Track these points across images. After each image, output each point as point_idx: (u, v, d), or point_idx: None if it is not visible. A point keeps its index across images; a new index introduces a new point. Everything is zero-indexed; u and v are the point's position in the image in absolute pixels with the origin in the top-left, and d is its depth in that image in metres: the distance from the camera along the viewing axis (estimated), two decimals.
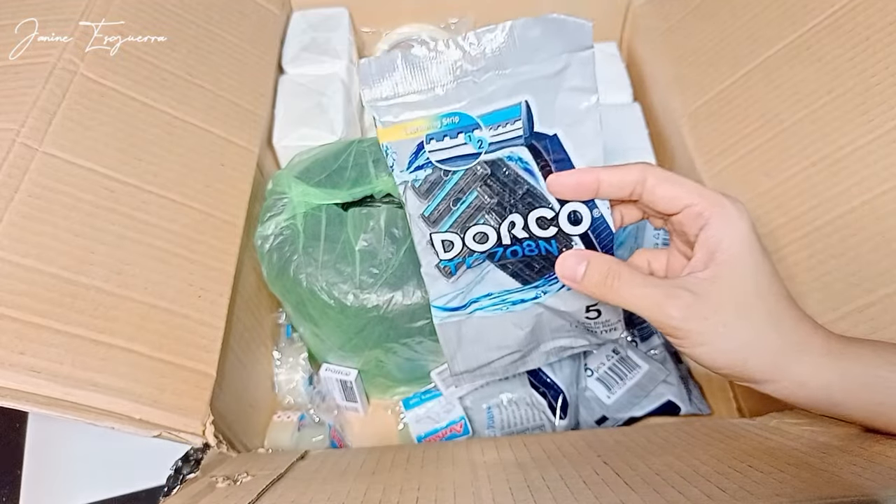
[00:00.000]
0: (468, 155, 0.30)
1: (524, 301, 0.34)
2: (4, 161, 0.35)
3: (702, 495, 0.24)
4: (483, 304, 0.34)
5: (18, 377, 0.31)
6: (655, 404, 0.48)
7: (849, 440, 0.30)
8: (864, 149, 0.38)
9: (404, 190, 0.32)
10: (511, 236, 0.32)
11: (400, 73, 0.30)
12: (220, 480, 0.32)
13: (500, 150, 0.30)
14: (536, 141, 0.30)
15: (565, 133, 0.30)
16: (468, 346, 0.36)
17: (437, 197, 0.31)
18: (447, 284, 0.34)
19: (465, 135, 0.30)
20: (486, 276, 0.33)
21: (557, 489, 0.27)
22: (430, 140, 0.30)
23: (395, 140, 0.31)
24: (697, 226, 0.28)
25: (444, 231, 0.32)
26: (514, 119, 0.30)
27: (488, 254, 0.32)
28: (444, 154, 0.31)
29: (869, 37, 0.39)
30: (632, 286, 0.28)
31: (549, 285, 0.33)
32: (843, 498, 0.23)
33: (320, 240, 0.43)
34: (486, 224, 0.32)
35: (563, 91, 0.29)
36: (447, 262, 0.33)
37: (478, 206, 0.31)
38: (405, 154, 0.31)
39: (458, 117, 0.30)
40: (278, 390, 0.50)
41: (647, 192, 0.29)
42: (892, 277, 0.36)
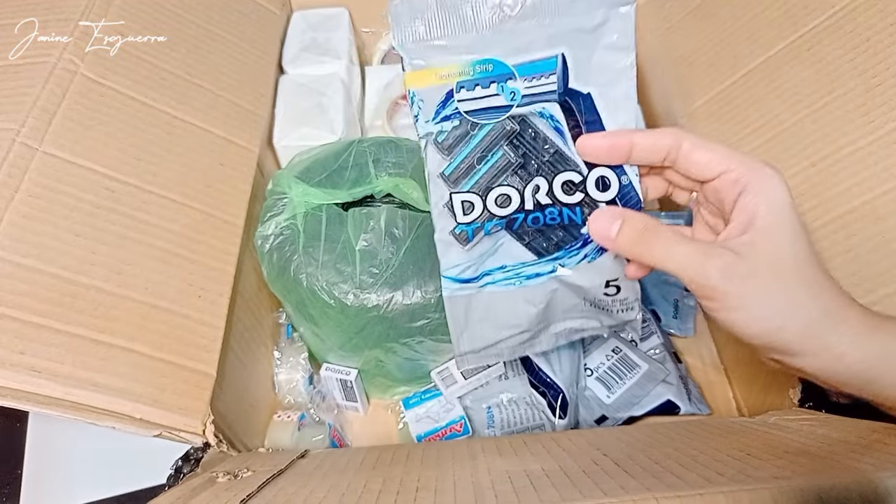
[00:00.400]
0: (499, 107, 0.29)
1: (539, 275, 0.33)
2: (4, 161, 0.35)
3: (700, 479, 0.24)
4: (496, 277, 0.33)
5: (19, 377, 0.31)
6: (655, 404, 0.48)
7: (847, 432, 0.30)
8: (865, 149, 0.38)
9: (426, 145, 0.30)
10: (535, 201, 0.30)
11: (433, 14, 0.28)
12: (220, 475, 0.32)
13: (531, 104, 0.29)
14: (570, 98, 0.29)
15: (599, 93, 0.29)
16: (476, 323, 0.34)
17: (461, 154, 0.30)
18: (461, 252, 0.32)
19: (497, 84, 0.29)
20: (501, 248, 0.32)
21: (557, 478, 0.27)
22: (461, 88, 0.29)
23: (424, 86, 0.29)
24: (735, 192, 0.27)
25: (465, 191, 0.30)
26: (550, 72, 0.28)
27: (508, 220, 0.31)
28: (474, 105, 0.29)
29: (869, 38, 0.39)
30: (670, 243, 0.27)
31: (568, 257, 0.32)
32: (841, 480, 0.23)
33: (320, 240, 0.43)
34: (510, 186, 0.30)
35: (600, 48, 0.28)
36: (464, 227, 0.31)
37: (503, 165, 0.30)
38: (432, 102, 0.29)
39: (493, 65, 0.28)
40: (278, 390, 0.50)
41: (682, 157, 0.28)
42: (892, 277, 0.36)
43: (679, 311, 0.54)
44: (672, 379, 0.48)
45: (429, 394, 0.49)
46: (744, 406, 0.49)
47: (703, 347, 0.54)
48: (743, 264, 0.26)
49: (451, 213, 0.31)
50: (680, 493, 0.23)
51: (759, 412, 0.41)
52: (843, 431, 0.30)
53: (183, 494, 0.30)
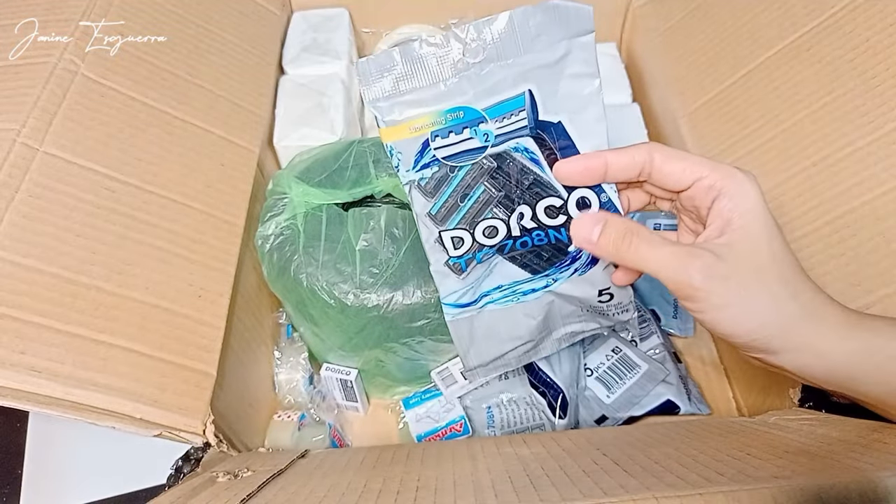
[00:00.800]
0: (475, 149, 0.30)
1: (535, 290, 0.34)
2: (5, 161, 0.35)
3: (700, 479, 0.24)
4: (494, 297, 0.34)
5: (19, 377, 0.31)
6: (655, 404, 0.48)
7: (847, 431, 0.30)
8: (864, 150, 0.38)
9: (410, 189, 0.32)
10: (520, 227, 0.32)
11: (400, 70, 0.29)
12: (220, 475, 0.32)
13: (505, 141, 0.30)
14: (541, 130, 0.30)
15: (569, 119, 0.30)
16: (481, 341, 0.36)
17: (444, 194, 0.31)
18: (457, 281, 0.33)
19: (470, 129, 0.30)
20: (496, 269, 0.33)
21: (556, 477, 0.27)
22: (436, 137, 0.30)
23: (400, 139, 0.30)
24: (710, 198, 0.28)
25: (452, 228, 0.32)
26: (519, 109, 0.29)
27: (498, 247, 0.32)
28: (450, 150, 0.30)
29: (869, 38, 0.39)
30: (651, 245, 0.28)
31: (559, 272, 0.33)
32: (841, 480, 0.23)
33: (321, 240, 0.43)
34: (495, 217, 0.31)
35: (565, 78, 0.29)
36: (457, 259, 0.33)
37: (486, 200, 0.31)
38: (410, 153, 0.30)
39: (463, 111, 0.29)
40: (278, 390, 0.50)
41: (655, 170, 0.29)
42: (892, 277, 0.36)
43: (679, 311, 0.54)
44: (672, 379, 0.48)
45: (429, 394, 0.49)
46: (744, 406, 0.49)
47: (703, 347, 0.54)
48: (722, 265, 0.27)
49: (443, 248, 0.32)
50: (680, 493, 0.23)
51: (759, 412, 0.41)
52: (842, 431, 0.30)
53: (183, 494, 0.30)
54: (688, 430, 0.34)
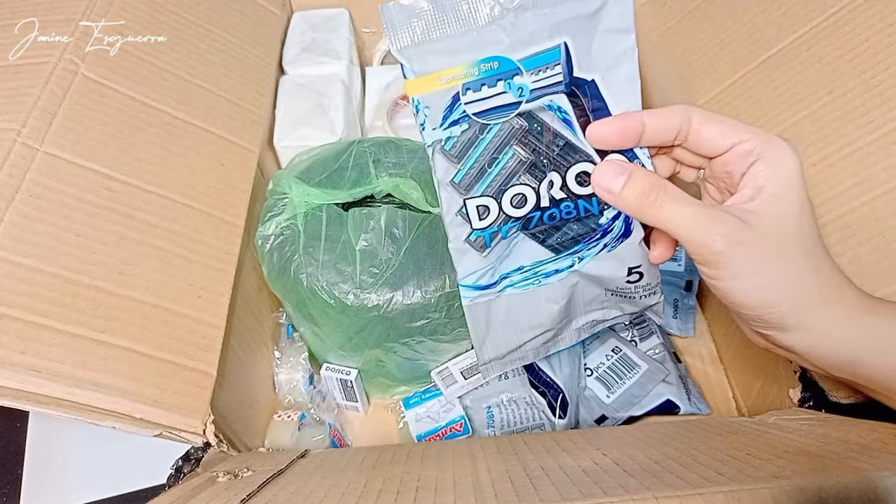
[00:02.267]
0: (508, 105, 0.28)
1: (558, 272, 0.32)
2: (5, 161, 0.35)
3: (700, 479, 0.24)
4: (514, 279, 0.32)
5: (19, 377, 0.31)
6: (655, 404, 0.48)
7: (847, 431, 0.30)
8: (864, 150, 0.38)
9: (432, 153, 0.29)
10: (550, 197, 0.30)
11: (429, 15, 0.27)
12: (220, 475, 0.32)
13: (539, 98, 0.28)
14: (576, 87, 0.28)
15: (602, 78, 0.28)
16: (498, 329, 0.34)
17: (471, 158, 0.29)
18: (478, 259, 0.31)
19: (504, 82, 0.28)
20: (516, 249, 0.31)
21: (556, 477, 0.27)
22: (468, 90, 0.28)
23: (428, 92, 0.28)
24: (747, 163, 0.27)
25: (478, 195, 0.30)
26: (555, 63, 0.28)
27: (525, 220, 0.30)
28: (482, 105, 0.28)
29: (869, 38, 0.39)
30: (678, 202, 0.26)
31: (587, 249, 0.31)
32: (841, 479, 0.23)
33: (321, 240, 0.43)
34: (525, 185, 0.29)
35: (599, 32, 0.28)
36: (481, 232, 0.30)
37: (515, 165, 0.29)
38: (439, 108, 0.28)
39: (498, 62, 0.27)
40: (279, 390, 0.50)
41: (693, 133, 0.27)
42: (892, 277, 0.36)
43: (679, 311, 0.54)
44: (672, 379, 0.48)
45: (429, 394, 0.49)
46: (743, 406, 0.49)
47: (702, 347, 0.54)
48: (748, 231, 0.26)
49: (466, 220, 0.30)
50: (680, 493, 0.23)
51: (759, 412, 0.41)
52: (842, 431, 0.30)
53: (183, 494, 0.30)
54: (688, 430, 0.34)
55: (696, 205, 0.26)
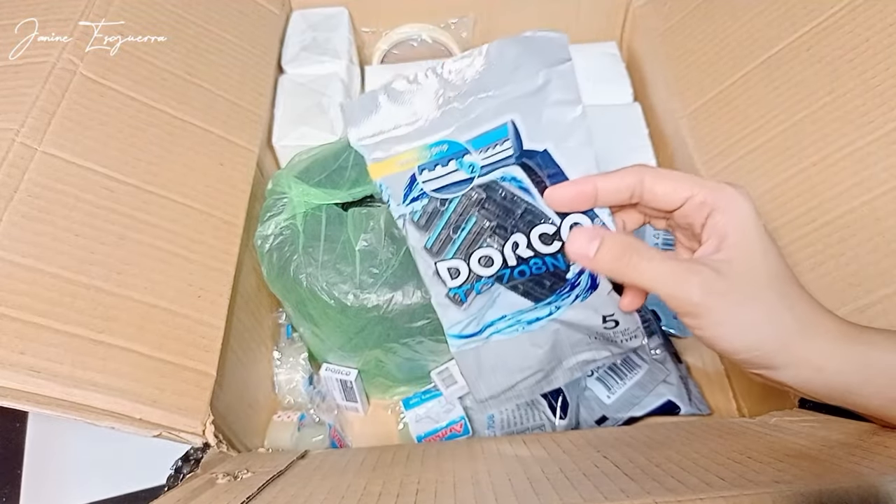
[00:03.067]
0: (462, 181, 0.30)
1: (539, 319, 0.34)
2: (4, 161, 0.35)
3: (701, 483, 0.24)
4: (498, 326, 0.34)
5: (19, 377, 0.31)
6: (655, 404, 0.48)
7: (848, 434, 0.30)
8: (864, 150, 0.38)
9: (403, 223, 0.32)
10: (516, 257, 0.32)
11: (384, 110, 0.30)
12: (220, 476, 0.32)
13: (492, 171, 0.30)
14: (528, 158, 0.30)
15: (555, 146, 0.30)
16: (489, 372, 0.36)
17: (437, 227, 0.32)
18: (459, 312, 0.33)
19: (456, 161, 0.30)
20: (498, 299, 0.33)
21: (557, 481, 0.27)
22: (423, 171, 0.30)
23: (388, 175, 0.31)
24: (703, 215, 0.28)
25: (448, 259, 0.32)
26: (503, 139, 0.30)
27: (496, 277, 0.32)
28: (437, 183, 0.31)
29: (869, 38, 0.39)
30: (650, 261, 0.27)
31: (561, 300, 0.33)
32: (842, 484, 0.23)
33: (320, 240, 0.43)
34: (490, 247, 0.32)
35: (547, 106, 0.29)
36: (456, 290, 0.33)
37: (479, 230, 0.31)
38: (399, 187, 0.31)
39: (447, 145, 0.30)
40: (278, 390, 0.50)
41: (646, 191, 0.29)
42: (891, 277, 0.36)
43: None
44: (672, 379, 0.48)
45: (429, 394, 0.49)
46: (744, 406, 0.49)
47: (703, 347, 0.53)
48: (721, 280, 0.27)
49: (441, 280, 0.33)
50: (680, 498, 0.23)
51: (760, 412, 0.41)
52: (843, 434, 0.30)
53: (183, 496, 0.29)
54: (688, 432, 0.34)
55: (669, 260, 0.28)
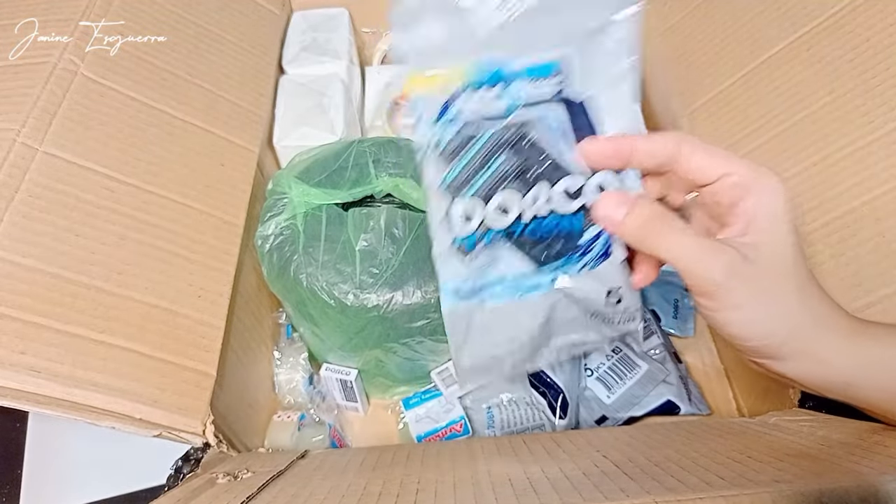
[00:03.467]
0: (501, 112, 0.28)
1: (540, 287, 0.32)
2: (5, 161, 0.35)
3: (700, 482, 0.24)
4: (495, 290, 0.32)
5: (19, 377, 0.31)
6: (655, 404, 0.48)
7: (847, 433, 0.30)
8: (864, 150, 0.38)
9: (423, 158, 0.29)
10: (534, 210, 0.30)
11: (434, 18, 0.27)
12: (220, 476, 0.32)
13: (535, 107, 0.28)
14: (571, 102, 0.28)
15: (601, 95, 0.28)
16: (477, 338, 0.34)
17: (461, 161, 0.29)
18: (461, 265, 0.31)
19: (501, 88, 0.28)
20: (500, 259, 0.31)
21: (557, 480, 0.27)
22: (463, 93, 0.28)
23: (426, 91, 0.28)
24: (736, 195, 0.27)
25: (465, 198, 0.29)
26: (553, 75, 0.27)
27: (507, 232, 0.30)
28: (476, 110, 0.28)
29: (869, 38, 0.39)
30: (679, 233, 0.27)
31: (569, 265, 0.31)
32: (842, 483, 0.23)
33: (320, 240, 0.43)
34: (511, 193, 0.29)
35: (602, 50, 0.28)
36: (464, 239, 0.30)
37: (504, 172, 0.29)
38: (434, 108, 0.28)
39: (496, 67, 0.27)
40: (278, 390, 0.50)
41: (683, 161, 0.28)
42: (892, 278, 0.36)
43: (679, 311, 0.54)
44: (672, 379, 0.48)
45: (429, 394, 0.49)
46: (744, 406, 0.49)
47: (703, 347, 0.54)
48: (746, 264, 0.26)
49: (451, 225, 0.30)
50: (680, 497, 0.23)
51: (760, 412, 0.41)
52: (843, 433, 0.30)
53: (182, 496, 0.29)
54: (688, 432, 0.34)
55: (697, 236, 0.27)
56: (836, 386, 0.27)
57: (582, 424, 0.48)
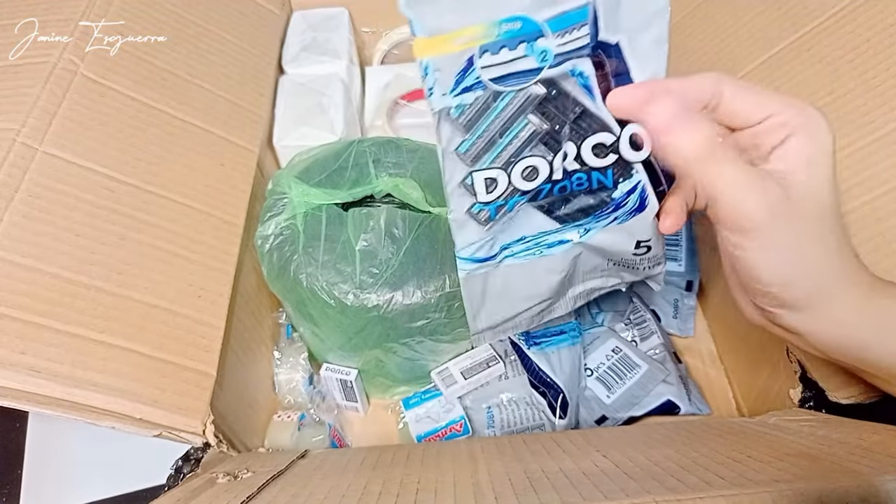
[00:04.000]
0: (527, 71, 0.25)
1: (562, 243, 0.30)
2: (5, 161, 0.35)
3: (700, 482, 0.24)
4: (514, 249, 0.30)
5: (19, 377, 0.31)
6: (655, 404, 0.48)
7: (848, 433, 0.30)
8: (865, 150, 0.38)
9: (438, 120, 0.27)
10: (563, 169, 0.28)
11: None
12: (220, 476, 0.32)
13: (563, 62, 0.25)
14: (600, 50, 0.26)
15: (629, 41, 0.26)
16: (493, 300, 0.32)
17: (480, 128, 0.27)
18: (478, 231, 0.29)
19: (527, 45, 0.25)
20: (520, 219, 0.29)
21: (557, 480, 0.27)
22: (484, 53, 0.25)
23: (440, 55, 0.25)
24: (780, 136, 0.25)
25: (486, 167, 0.27)
26: (582, 23, 0.25)
27: (533, 192, 0.28)
28: (499, 70, 0.25)
29: (869, 38, 0.39)
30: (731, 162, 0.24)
31: (596, 222, 0.29)
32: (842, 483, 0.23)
33: (320, 240, 0.43)
34: (538, 156, 0.27)
35: None
36: (486, 206, 0.28)
37: (528, 136, 0.27)
38: (451, 71, 0.25)
39: (521, 22, 0.25)
40: (278, 390, 0.50)
41: (724, 104, 0.26)
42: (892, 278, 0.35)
43: (679, 311, 0.54)
44: (672, 379, 0.48)
45: (429, 394, 0.49)
46: (744, 406, 0.49)
47: (703, 347, 0.54)
48: (788, 205, 0.25)
49: (471, 192, 0.28)
50: (680, 497, 0.23)
51: (760, 412, 0.41)
52: (843, 433, 0.30)
53: (183, 496, 0.29)
54: (688, 431, 0.34)
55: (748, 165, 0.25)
56: (849, 346, 0.26)
57: (582, 424, 0.48)
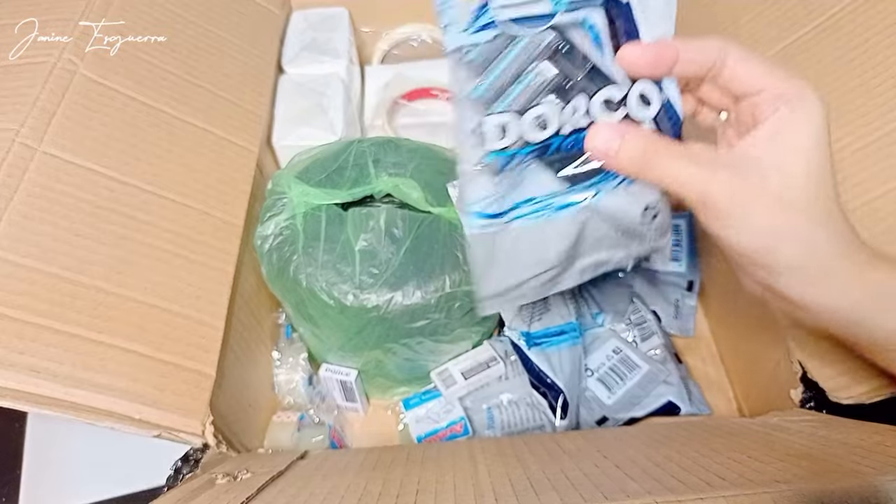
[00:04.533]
0: (542, 15, 0.26)
1: (572, 205, 0.30)
2: (4, 161, 0.35)
3: (701, 482, 0.24)
4: (523, 210, 0.30)
5: (18, 377, 0.31)
6: (656, 405, 0.48)
7: (848, 433, 0.30)
8: (864, 150, 0.38)
9: (454, 64, 0.27)
10: (573, 122, 0.28)
11: None
12: (219, 477, 0.32)
13: (576, 10, 0.26)
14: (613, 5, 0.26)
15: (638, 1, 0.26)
16: (501, 263, 0.32)
17: (494, 71, 0.27)
18: (489, 183, 0.29)
19: None
20: (529, 178, 0.29)
21: (557, 480, 0.27)
22: None
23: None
24: (774, 108, 0.26)
25: (498, 112, 0.27)
26: None
27: (542, 147, 0.28)
28: (514, 11, 0.26)
29: (869, 39, 0.39)
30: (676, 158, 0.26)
31: (605, 181, 0.29)
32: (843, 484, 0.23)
33: (320, 240, 0.43)
34: (549, 105, 0.27)
35: None
36: (498, 154, 0.28)
37: (541, 83, 0.27)
38: (466, 10, 0.26)
39: None
40: (278, 390, 0.50)
41: (728, 68, 0.26)
42: None
43: (680, 311, 0.54)
44: (673, 379, 0.48)
45: (429, 394, 0.49)
46: (744, 406, 0.49)
47: (703, 348, 0.54)
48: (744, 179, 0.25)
49: (482, 139, 0.28)
50: (680, 497, 0.23)
51: (760, 412, 0.41)
52: (844, 433, 0.30)
53: (182, 497, 0.29)
54: (689, 432, 0.34)
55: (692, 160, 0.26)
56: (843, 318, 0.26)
57: (582, 425, 0.48)
